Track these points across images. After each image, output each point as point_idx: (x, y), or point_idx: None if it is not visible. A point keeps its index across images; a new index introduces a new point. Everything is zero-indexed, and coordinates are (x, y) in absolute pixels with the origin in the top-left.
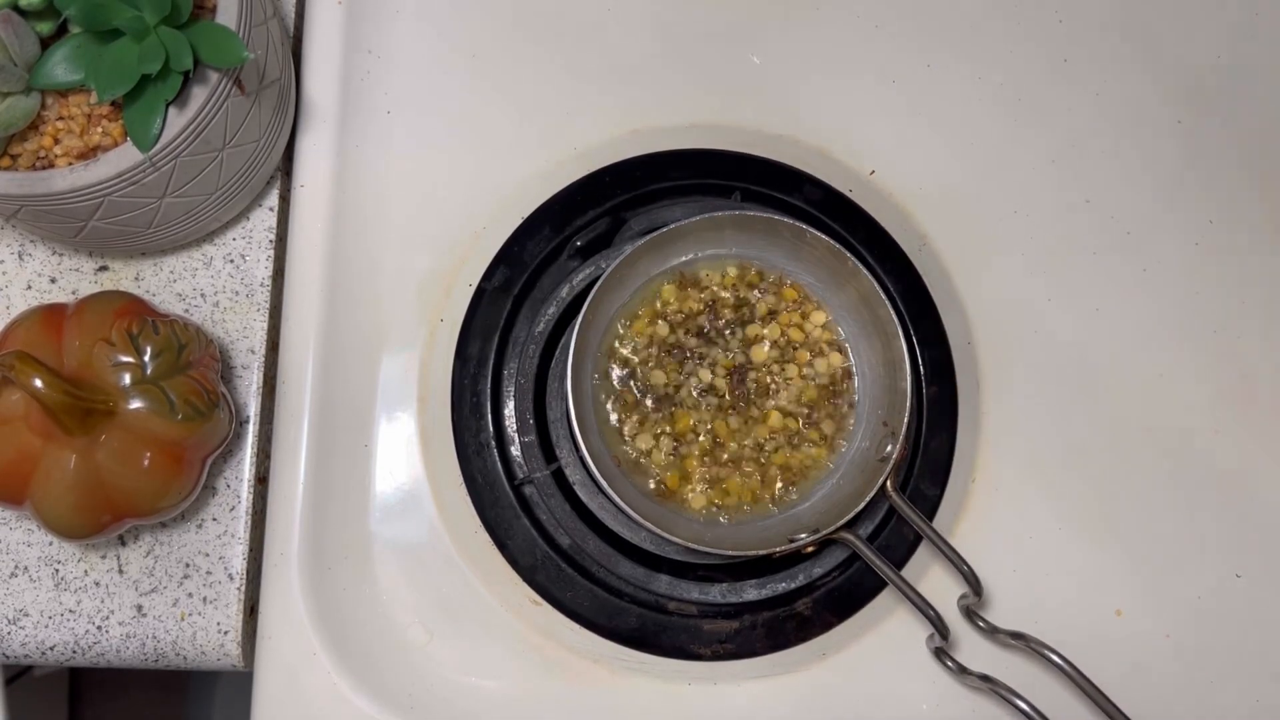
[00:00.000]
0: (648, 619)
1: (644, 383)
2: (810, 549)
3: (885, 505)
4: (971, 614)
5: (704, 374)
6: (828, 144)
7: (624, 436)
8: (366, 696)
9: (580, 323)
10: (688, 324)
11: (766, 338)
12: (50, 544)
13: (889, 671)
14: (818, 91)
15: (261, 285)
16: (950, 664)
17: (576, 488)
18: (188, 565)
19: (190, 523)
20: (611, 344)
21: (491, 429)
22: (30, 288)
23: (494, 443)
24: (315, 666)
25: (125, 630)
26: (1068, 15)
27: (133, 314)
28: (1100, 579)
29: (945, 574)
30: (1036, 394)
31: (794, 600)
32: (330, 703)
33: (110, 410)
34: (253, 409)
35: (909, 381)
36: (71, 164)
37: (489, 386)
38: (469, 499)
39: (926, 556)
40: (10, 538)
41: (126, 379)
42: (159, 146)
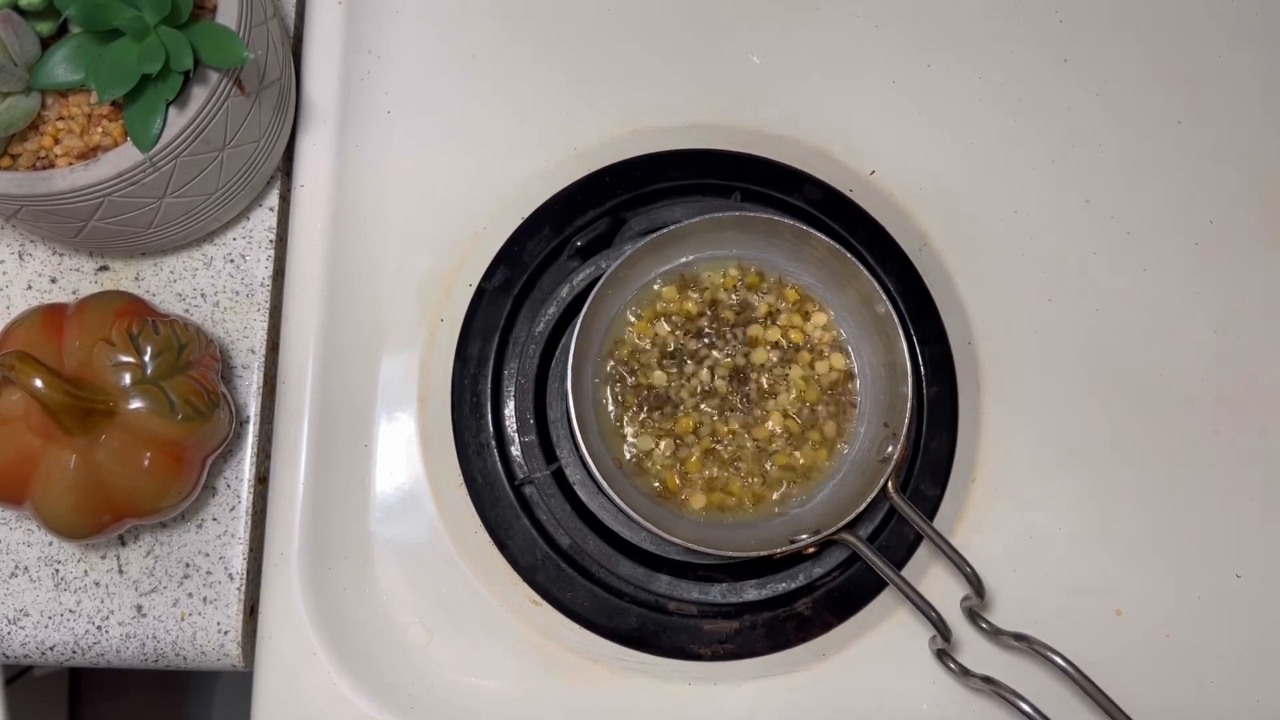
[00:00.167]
0: (648, 619)
1: (645, 383)
2: (811, 550)
3: (886, 505)
4: (974, 615)
5: (705, 375)
6: (828, 144)
7: (624, 437)
8: (366, 696)
9: (581, 323)
10: (689, 325)
11: (767, 339)
12: (50, 544)
13: (889, 672)
14: (818, 91)
15: (261, 285)
16: (953, 666)
17: (577, 488)
18: (188, 565)
19: (190, 523)
20: (612, 344)
21: (491, 429)
22: (30, 288)
23: (494, 443)
24: (315, 666)
25: (125, 630)
26: (1068, 15)
27: (133, 314)
28: (1100, 579)
29: (946, 575)
30: (1036, 394)
31: (794, 600)
32: (330, 703)
33: (110, 410)
34: (253, 409)
35: (910, 384)
36: (72, 164)
37: (489, 386)
38: (469, 499)
39: (927, 557)
40: (10, 538)
41: (126, 379)
42: (159, 146)
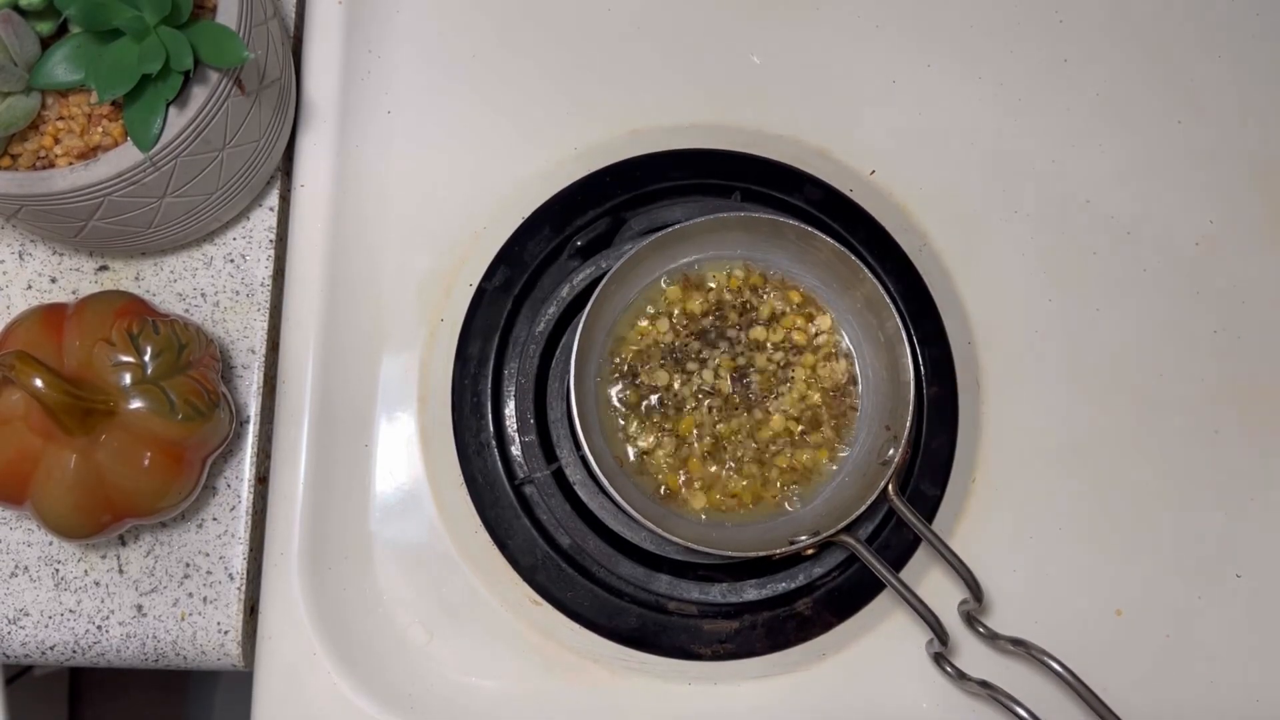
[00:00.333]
0: (648, 619)
1: (648, 383)
2: (811, 550)
3: (885, 507)
4: (972, 619)
5: (707, 375)
6: (828, 144)
7: (626, 436)
8: (367, 696)
9: (584, 321)
10: (691, 325)
11: (771, 340)
12: (50, 544)
13: (889, 671)
14: (818, 91)
15: (262, 285)
16: (949, 669)
17: (577, 488)
18: (188, 565)
19: (190, 523)
20: (615, 343)
21: (492, 429)
22: (30, 287)
23: (494, 443)
24: (315, 666)
25: (125, 630)
26: (1068, 15)
27: (133, 314)
28: (1100, 579)
29: (945, 576)
30: (1036, 394)
31: (794, 600)
32: (330, 703)
33: (110, 410)
34: (253, 409)
35: (912, 388)
36: (72, 164)
37: (489, 386)
38: (469, 499)
39: (926, 559)
40: (10, 538)
41: (127, 379)
42: (159, 146)
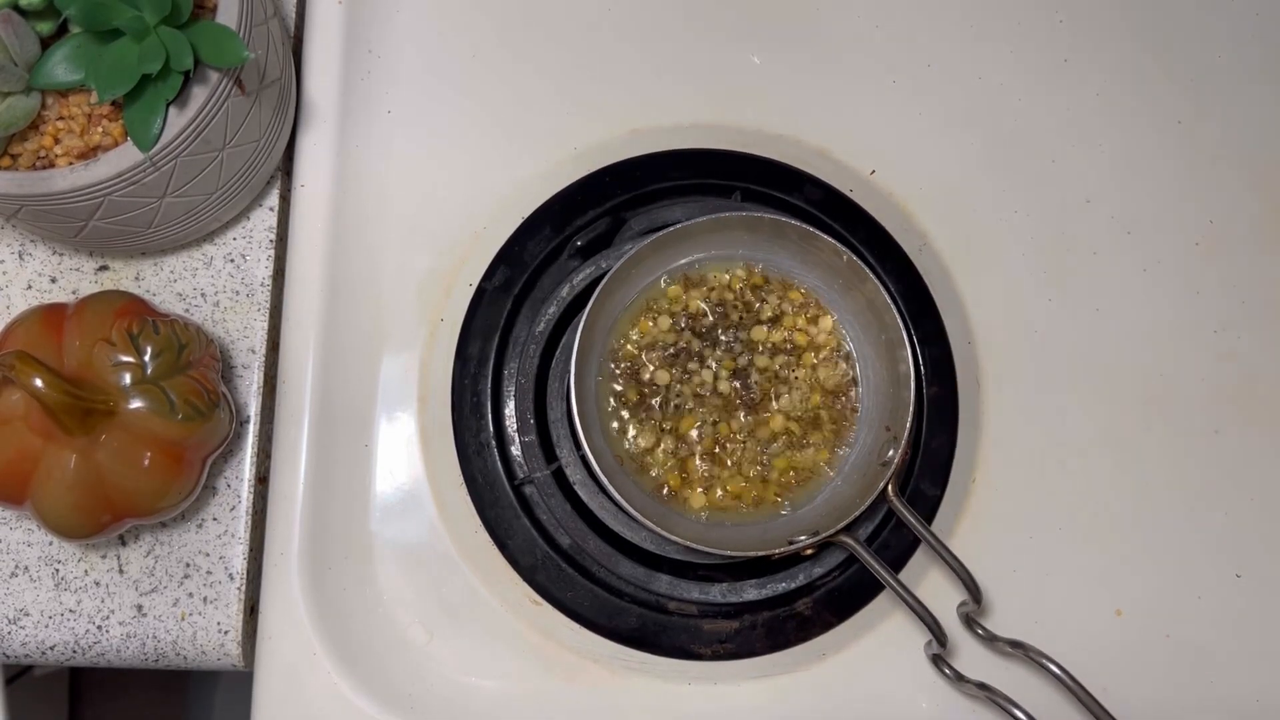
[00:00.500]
0: (648, 619)
1: (647, 383)
2: (810, 550)
3: (885, 507)
4: (971, 621)
5: (708, 375)
6: (828, 144)
7: (626, 436)
8: (367, 696)
9: (585, 320)
10: (692, 325)
11: (772, 341)
12: (50, 544)
13: (889, 671)
14: (818, 91)
15: (262, 285)
16: (948, 671)
17: (577, 487)
18: (188, 565)
19: (190, 523)
20: (615, 343)
21: (492, 429)
22: (30, 287)
23: (494, 442)
24: (315, 666)
25: (125, 630)
26: (1068, 15)
27: (133, 314)
28: (1100, 579)
29: (944, 577)
30: (1036, 394)
31: (794, 600)
32: (330, 703)
33: (110, 410)
34: (253, 409)
35: (912, 388)
36: (72, 164)
37: (489, 386)
38: (469, 499)
39: (925, 558)
40: (10, 538)
41: (127, 379)
42: (159, 146)
